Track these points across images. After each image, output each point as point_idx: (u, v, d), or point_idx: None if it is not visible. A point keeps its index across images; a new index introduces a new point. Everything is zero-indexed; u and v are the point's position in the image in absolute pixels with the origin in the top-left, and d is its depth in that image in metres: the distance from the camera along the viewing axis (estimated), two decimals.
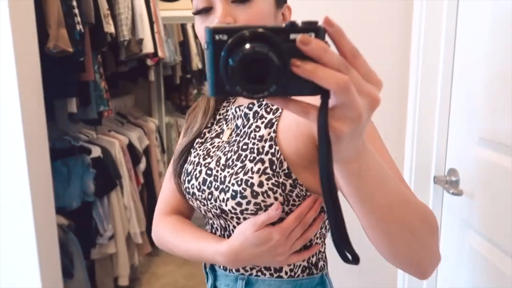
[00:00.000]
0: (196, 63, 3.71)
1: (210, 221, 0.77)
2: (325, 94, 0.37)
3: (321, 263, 0.75)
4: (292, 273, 0.72)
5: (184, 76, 3.65)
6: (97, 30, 1.99)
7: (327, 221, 0.74)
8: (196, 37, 3.66)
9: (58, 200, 1.76)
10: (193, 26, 3.58)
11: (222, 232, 0.74)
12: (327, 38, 0.37)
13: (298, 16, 0.77)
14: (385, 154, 0.60)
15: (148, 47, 2.48)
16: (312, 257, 0.74)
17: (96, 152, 2.15)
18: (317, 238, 0.74)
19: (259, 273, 0.72)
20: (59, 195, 1.88)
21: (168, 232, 0.78)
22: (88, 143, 2.19)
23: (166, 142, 3.47)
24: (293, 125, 0.65)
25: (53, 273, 1.68)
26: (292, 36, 0.35)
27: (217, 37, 0.36)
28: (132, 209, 2.42)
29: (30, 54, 1.52)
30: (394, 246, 0.50)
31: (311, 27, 0.36)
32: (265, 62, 0.34)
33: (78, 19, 1.75)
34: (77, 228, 1.97)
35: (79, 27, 1.75)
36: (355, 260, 0.45)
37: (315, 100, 0.38)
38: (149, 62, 2.72)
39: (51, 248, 1.66)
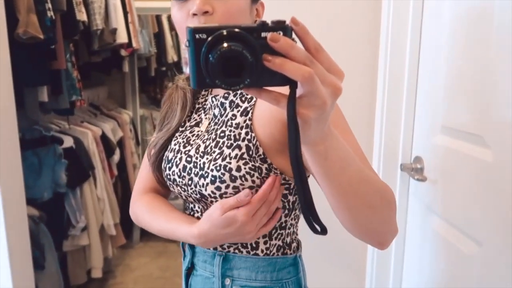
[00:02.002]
0: (171, 56, 3.65)
1: (191, 205, 0.79)
2: (293, 84, 0.41)
3: (294, 244, 0.78)
4: (268, 251, 0.75)
5: (159, 69, 3.60)
6: (69, 17, 1.94)
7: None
8: (172, 29, 3.60)
9: (29, 191, 1.71)
10: (168, 18, 3.51)
11: (202, 215, 0.75)
12: (294, 35, 0.41)
13: (272, 12, 0.79)
14: (349, 137, 0.63)
15: (122, 37, 2.44)
16: (287, 236, 0.77)
17: (68, 142, 2.10)
18: (291, 220, 0.76)
19: (237, 251, 0.75)
20: (29, 186, 1.83)
21: (145, 210, 0.81)
22: (60, 133, 2.14)
23: (140, 134, 3.43)
24: (267, 112, 0.68)
25: (23, 265, 1.64)
26: (263, 34, 0.39)
27: (197, 36, 0.39)
28: (106, 200, 2.38)
29: None
30: (356, 220, 0.54)
31: (279, 26, 0.40)
32: (240, 59, 0.39)
33: (49, 5, 1.71)
34: (48, 220, 1.92)
35: (50, 13, 1.71)
36: (323, 231, 0.50)
37: (285, 89, 0.41)
38: (123, 52, 2.68)
39: (21, 239, 1.63)
